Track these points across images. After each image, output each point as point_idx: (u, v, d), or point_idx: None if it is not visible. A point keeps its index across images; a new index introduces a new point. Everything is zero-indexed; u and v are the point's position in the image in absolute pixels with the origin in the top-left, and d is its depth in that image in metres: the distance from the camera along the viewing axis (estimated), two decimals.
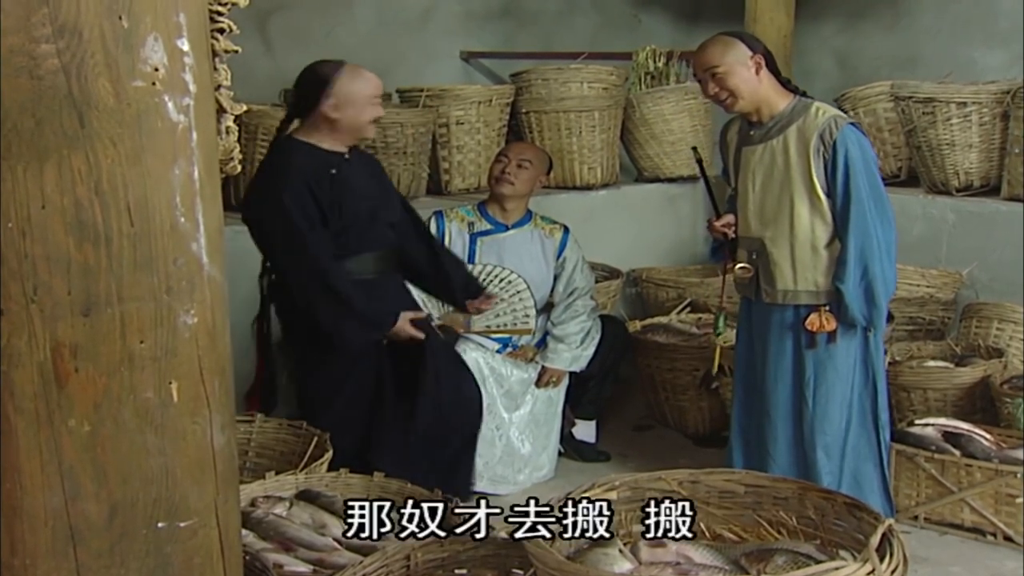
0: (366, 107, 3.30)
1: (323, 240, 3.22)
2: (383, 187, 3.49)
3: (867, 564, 1.63)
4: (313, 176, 3.22)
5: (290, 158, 3.27)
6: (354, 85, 3.30)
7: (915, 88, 4.79)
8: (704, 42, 3.26)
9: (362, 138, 3.41)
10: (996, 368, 3.94)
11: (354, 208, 3.27)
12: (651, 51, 5.40)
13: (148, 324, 1.36)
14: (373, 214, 3.34)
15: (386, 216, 3.40)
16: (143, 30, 1.27)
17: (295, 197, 3.17)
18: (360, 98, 3.30)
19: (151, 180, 1.32)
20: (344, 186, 3.25)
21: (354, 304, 3.21)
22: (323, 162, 3.27)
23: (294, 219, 3.17)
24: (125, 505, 1.38)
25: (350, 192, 3.26)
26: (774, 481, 2.04)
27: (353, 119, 3.27)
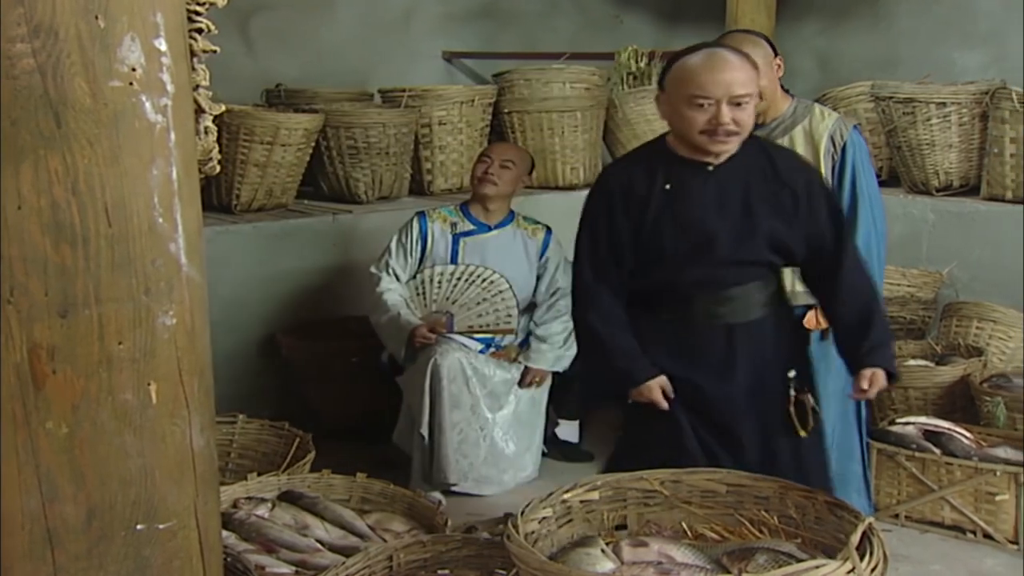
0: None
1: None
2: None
3: (847, 563, 1.64)
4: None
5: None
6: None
7: (895, 88, 4.82)
8: (728, 40, 3.08)
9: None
10: (976, 367, 3.96)
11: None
12: (633, 51, 5.41)
13: (126, 325, 1.35)
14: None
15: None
16: (120, 30, 1.26)
17: None
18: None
19: (129, 180, 1.31)
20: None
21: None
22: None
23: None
24: (103, 507, 1.37)
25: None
26: (755, 480, 2.04)
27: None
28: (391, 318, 3.80)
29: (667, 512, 2.07)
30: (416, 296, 3.92)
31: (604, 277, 2.59)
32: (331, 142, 4.78)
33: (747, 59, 2.52)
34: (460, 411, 3.69)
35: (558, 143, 5.10)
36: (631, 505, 2.09)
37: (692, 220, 2.53)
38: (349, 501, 3.11)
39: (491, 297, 3.88)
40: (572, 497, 2.02)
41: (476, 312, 3.87)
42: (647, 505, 2.09)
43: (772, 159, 2.59)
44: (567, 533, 2.01)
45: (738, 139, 2.50)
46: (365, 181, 4.83)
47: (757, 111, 3.18)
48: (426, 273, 3.92)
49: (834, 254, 2.60)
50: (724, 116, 2.43)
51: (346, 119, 4.77)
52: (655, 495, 2.08)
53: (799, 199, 2.56)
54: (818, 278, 2.66)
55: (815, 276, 2.67)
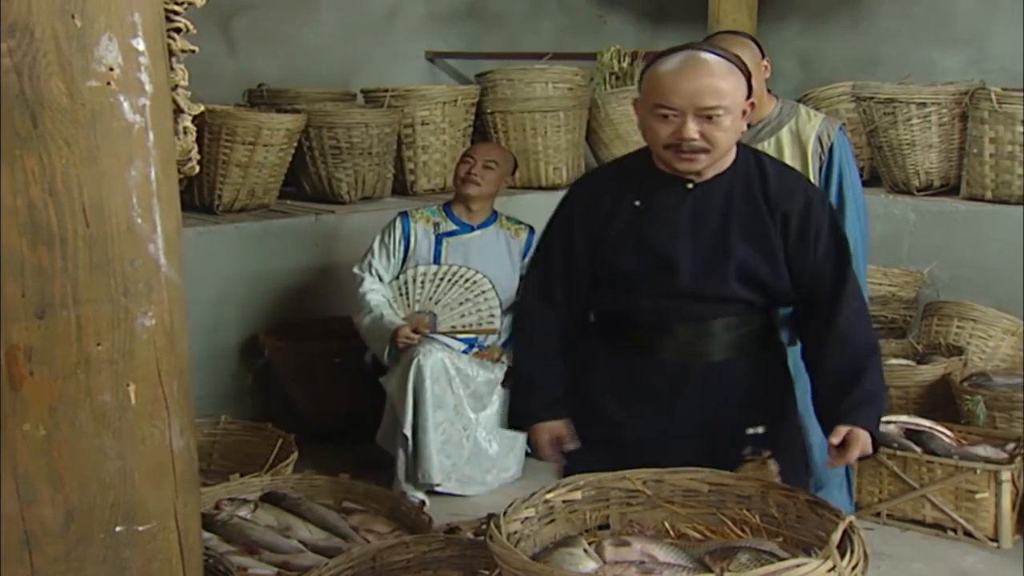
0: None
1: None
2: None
3: (828, 561, 1.64)
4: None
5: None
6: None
7: (876, 89, 4.84)
8: (716, 41, 2.99)
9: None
10: (956, 366, 3.99)
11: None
12: (616, 51, 5.42)
13: (105, 326, 1.34)
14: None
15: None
16: (97, 29, 1.26)
17: None
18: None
19: (106, 181, 1.30)
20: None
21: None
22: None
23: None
24: (82, 509, 1.36)
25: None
26: (737, 480, 2.04)
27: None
28: (374, 318, 3.79)
29: (649, 511, 2.07)
30: (399, 296, 3.91)
31: (548, 294, 2.32)
32: (313, 142, 4.77)
33: (731, 66, 2.15)
34: (443, 411, 3.68)
35: (541, 143, 5.10)
36: (613, 505, 2.09)
37: (654, 242, 2.22)
38: (332, 502, 3.10)
39: (474, 297, 3.88)
40: (555, 497, 2.02)
41: (459, 312, 3.87)
42: (629, 505, 2.09)
43: (765, 178, 2.23)
44: (550, 533, 2.01)
45: (709, 157, 2.15)
46: (348, 181, 4.82)
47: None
48: (409, 273, 3.91)
49: (832, 297, 2.21)
50: (688, 130, 2.10)
51: (329, 119, 4.75)
52: (637, 495, 2.08)
53: (790, 228, 2.20)
54: (808, 323, 2.27)
55: (805, 320, 2.29)
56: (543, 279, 2.34)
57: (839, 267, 2.23)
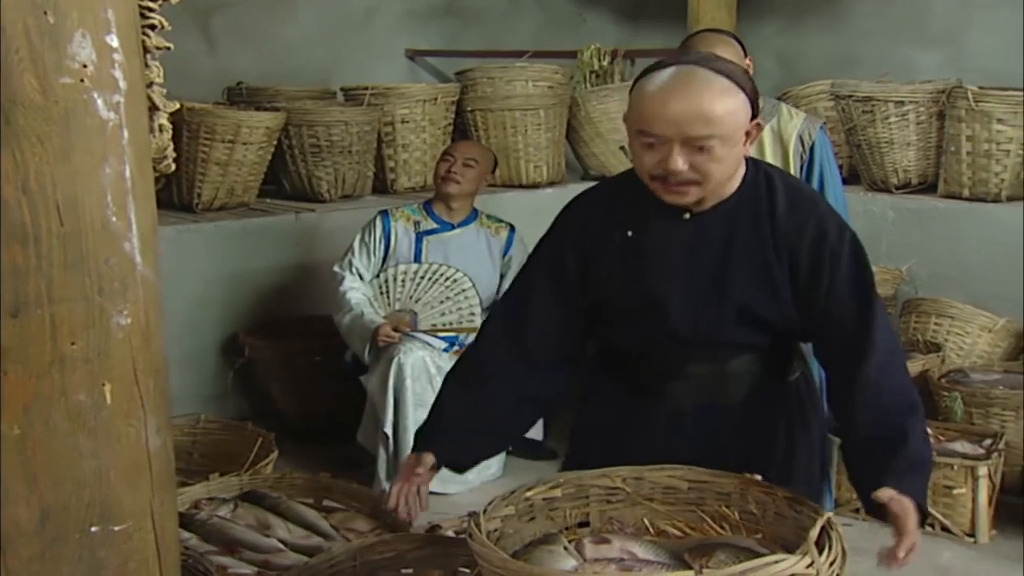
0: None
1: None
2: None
3: (806, 557, 1.65)
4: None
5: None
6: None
7: (854, 87, 4.87)
8: (699, 41, 3.07)
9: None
10: (934, 363, 4.02)
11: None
12: (596, 50, 5.43)
13: (79, 325, 1.33)
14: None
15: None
16: (70, 26, 1.24)
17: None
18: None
19: (81, 179, 1.29)
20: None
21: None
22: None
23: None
24: (57, 509, 1.35)
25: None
26: (716, 477, 2.05)
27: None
28: (354, 317, 3.78)
29: (629, 509, 2.08)
30: (379, 295, 3.91)
31: (516, 329, 2.03)
32: (293, 140, 4.76)
33: (730, 84, 1.83)
34: (424, 410, 3.62)
35: (521, 141, 5.10)
36: (593, 502, 2.09)
37: (643, 280, 1.97)
38: (312, 501, 3.09)
39: (454, 296, 3.88)
40: (535, 495, 2.02)
41: (439, 311, 3.86)
42: (609, 502, 2.10)
43: (774, 207, 1.93)
44: (530, 531, 2.01)
45: (701, 189, 1.87)
46: (328, 179, 4.81)
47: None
48: (389, 272, 3.91)
49: (855, 345, 1.88)
50: (675, 162, 1.82)
51: (308, 117, 4.74)
52: (617, 492, 2.08)
53: (800, 266, 1.91)
54: (832, 375, 1.98)
55: (828, 368, 2.00)
56: (515, 310, 2.06)
57: (862, 310, 1.90)
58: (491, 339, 2.07)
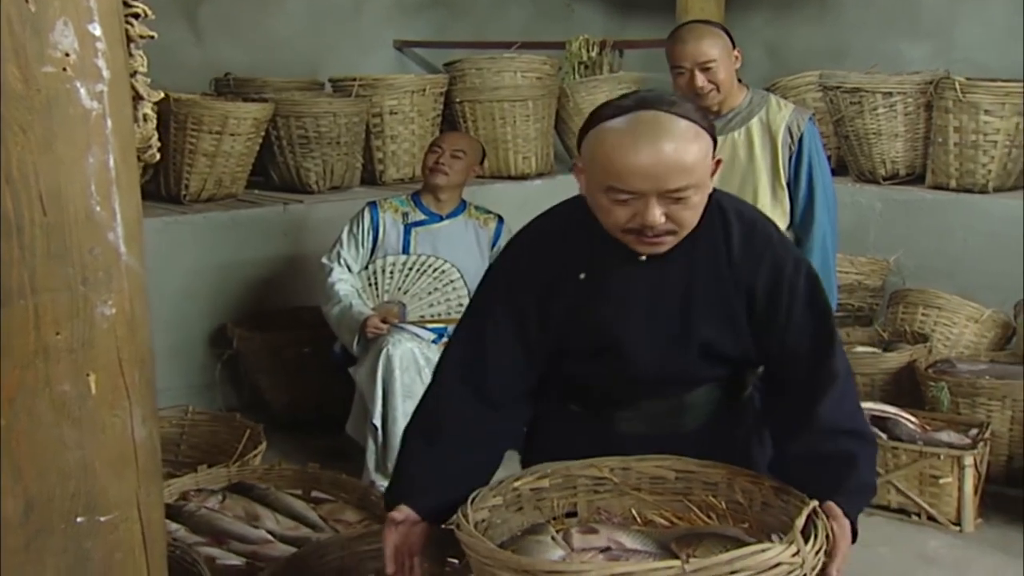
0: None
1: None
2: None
3: (792, 545, 1.65)
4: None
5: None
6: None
7: (842, 79, 4.88)
8: (688, 32, 3.12)
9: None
10: (921, 353, 4.03)
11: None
12: (584, 40, 5.43)
13: (64, 315, 1.33)
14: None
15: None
16: (52, 14, 1.24)
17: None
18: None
19: (64, 168, 1.29)
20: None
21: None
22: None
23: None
24: (42, 500, 1.35)
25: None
26: (703, 467, 2.05)
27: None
28: (343, 308, 3.78)
29: (617, 499, 2.08)
30: (368, 287, 3.90)
31: (472, 372, 1.95)
32: (281, 132, 4.74)
33: (696, 128, 1.76)
34: (413, 401, 3.67)
35: (510, 132, 5.10)
36: (581, 492, 2.09)
37: (600, 325, 1.92)
38: (301, 492, 3.09)
39: (443, 287, 3.87)
40: (522, 485, 2.02)
41: (428, 302, 3.86)
42: (597, 492, 2.10)
43: (730, 241, 1.89)
44: (518, 521, 2.02)
45: (676, 238, 1.81)
46: (316, 171, 4.80)
47: (711, 103, 3.08)
48: (378, 263, 3.90)
49: (812, 377, 1.86)
50: (654, 216, 1.74)
51: (296, 108, 4.73)
52: (605, 482, 2.08)
53: (756, 303, 1.89)
54: (780, 406, 1.94)
55: (776, 399, 1.97)
56: (470, 353, 1.96)
57: (820, 344, 1.88)
58: (448, 387, 1.98)
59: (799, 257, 1.96)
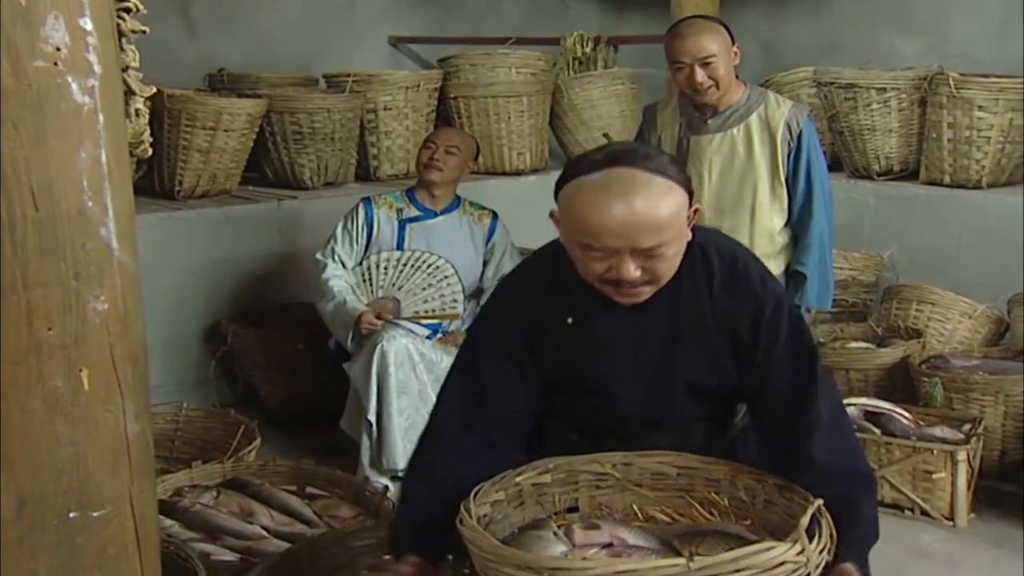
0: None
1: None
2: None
3: (797, 544, 1.65)
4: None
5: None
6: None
7: (836, 74, 4.88)
8: (687, 28, 3.12)
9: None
10: (915, 348, 4.04)
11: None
12: (579, 36, 5.42)
13: (56, 311, 1.32)
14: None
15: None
16: (43, 8, 1.23)
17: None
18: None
19: (55, 163, 1.28)
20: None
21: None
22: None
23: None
24: (34, 496, 1.34)
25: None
26: (705, 463, 2.05)
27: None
28: (337, 304, 3.77)
29: (619, 495, 2.08)
30: (362, 283, 3.90)
31: (465, 412, 1.95)
32: (275, 127, 4.74)
33: (668, 183, 1.76)
34: (407, 397, 3.67)
35: (504, 128, 5.09)
36: (583, 488, 2.09)
37: (589, 370, 1.97)
38: (295, 488, 3.09)
39: (437, 283, 3.87)
40: (524, 480, 2.02)
41: (422, 298, 3.86)
42: (599, 488, 2.10)
43: (712, 281, 1.91)
44: (519, 516, 2.02)
45: (653, 288, 1.84)
46: (310, 167, 4.79)
47: (711, 100, 3.09)
48: (372, 259, 3.90)
49: (798, 417, 1.86)
50: (627, 271, 1.77)
51: (290, 104, 4.72)
52: (607, 478, 2.08)
53: (740, 344, 1.91)
54: (775, 443, 1.95)
55: (770, 438, 1.97)
56: (466, 397, 1.96)
57: (804, 384, 1.88)
58: (447, 433, 1.97)
59: (781, 296, 1.97)
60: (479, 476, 1.91)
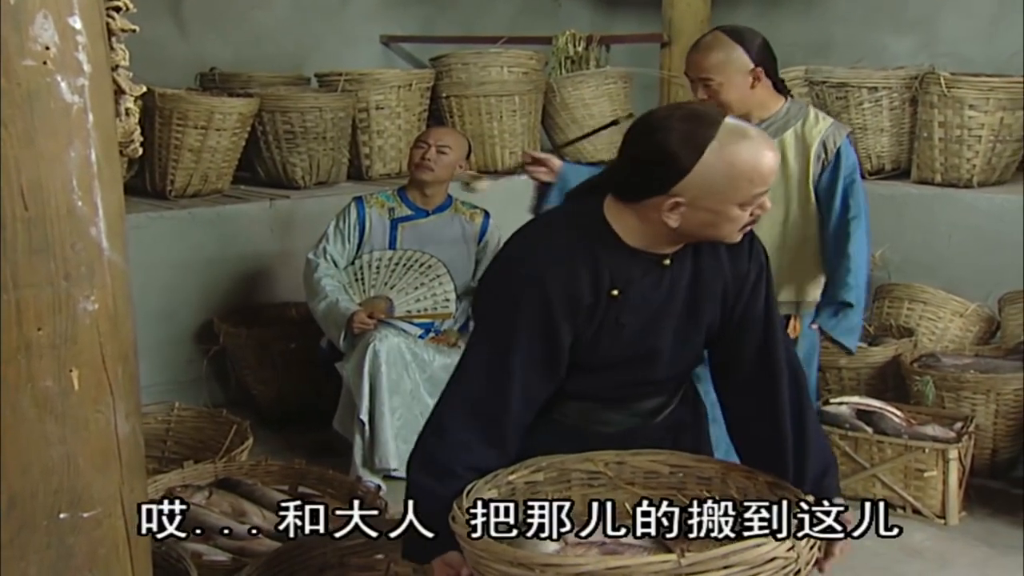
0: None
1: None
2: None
3: (787, 540, 1.66)
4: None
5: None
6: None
7: (828, 73, 4.89)
8: (702, 41, 2.94)
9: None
10: (906, 347, 4.05)
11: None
12: (571, 35, 5.42)
13: (46, 310, 1.32)
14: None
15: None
16: (31, 7, 1.23)
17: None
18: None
19: (45, 163, 1.28)
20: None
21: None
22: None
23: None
24: (24, 496, 1.34)
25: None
26: (698, 461, 2.05)
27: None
28: (329, 304, 3.77)
29: (611, 493, 2.08)
30: (354, 282, 3.89)
31: (483, 405, 1.88)
32: (267, 127, 4.73)
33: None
34: (400, 396, 3.68)
35: (496, 127, 5.09)
36: (575, 486, 2.09)
37: (636, 336, 1.95)
38: (287, 488, 3.09)
39: (429, 282, 3.87)
40: (517, 478, 2.02)
41: (415, 297, 3.86)
42: (591, 486, 2.10)
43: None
44: None
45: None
46: (302, 166, 4.78)
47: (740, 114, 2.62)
48: (364, 259, 3.89)
49: (766, 343, 2.00)
50: (769, 201, 1.90)
51: (282, 103, 4.71)
52: (599, 476, 2.08)
53: (741, 273, 2.01)
54: (734, 395, 2.05)
55: (732, 392, 2.06)
56: (487, 389, 1.88)
57: (768, 333, 2.01)
58: (454, 427, 1.88)
59: (761, 254, 2.05)
60: (479, 472, 1.87)
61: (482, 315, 1.98)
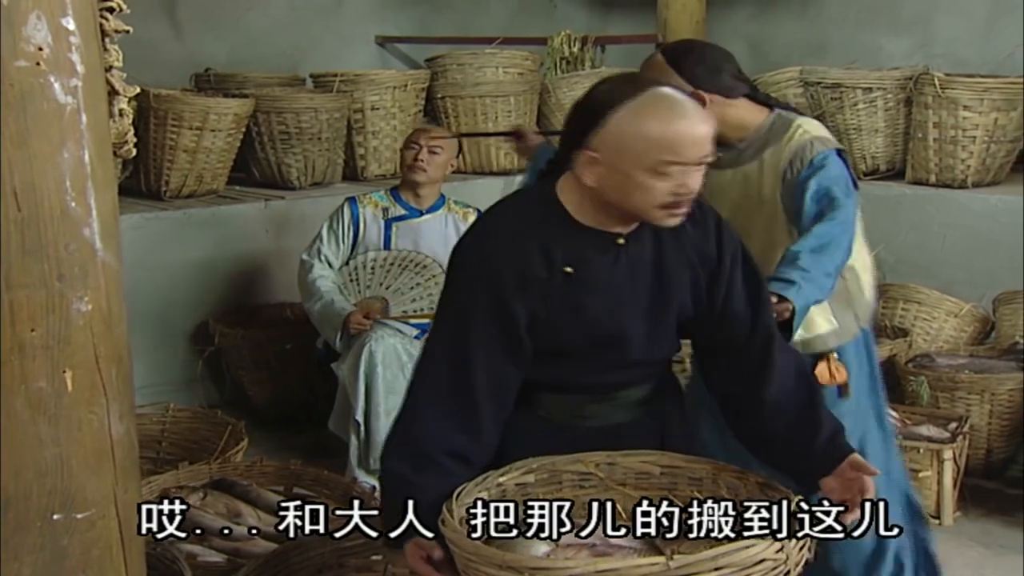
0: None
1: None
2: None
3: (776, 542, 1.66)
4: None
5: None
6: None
7: (823, 74, 4.89)
8: (644, 63, 2.61)
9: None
10: (901, 347, 4.05)
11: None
12: (566, 36, 5.43)
13: (39, 312, 1.32)
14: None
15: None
16: (24, 7, 1.23)
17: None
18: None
19: (38, 164, 1.28)
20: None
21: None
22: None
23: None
24: (18, 497, 1.34)
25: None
26: (689, 462, 2.05)
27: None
28: (325, 304, 3.77)
29: (602, 494, 2.08)
30: (349, 283, 3.89)
31: (452, 391, 1.85)
32: (262, 127, 4.73)
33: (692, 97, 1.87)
34: (395, 397, 3.67)
35: (491, 128, 5.09)
36: (566, 487, 2.09)
37: (596, 317, 1.90)
38: (283, 488, 3.08)
39: (424, 282, 3.87)
40: (507, 480, 2.02)
41: (410, 297, 3.86)
42: (582, 487, 2.10)
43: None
44: None
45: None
46: (297, 167, 4.78)
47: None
48: (359, 259, 3.89)
49: (755, 348, 1.97)
50: (697, 182, 1.81)
51: (277, 104, 4.71)
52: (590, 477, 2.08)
53: (710, 261, 1.96)
54: (731, 383, 2.02)
55: (727, 380, 2.03)
56: (452, 375, 1.86)
57: (756, 297, 1.99)
58: (426, 416, 1.86)
59: (735, 236, 2.02)
60: (462, 465, 1.86)
61: (441, 298, 1.95)
